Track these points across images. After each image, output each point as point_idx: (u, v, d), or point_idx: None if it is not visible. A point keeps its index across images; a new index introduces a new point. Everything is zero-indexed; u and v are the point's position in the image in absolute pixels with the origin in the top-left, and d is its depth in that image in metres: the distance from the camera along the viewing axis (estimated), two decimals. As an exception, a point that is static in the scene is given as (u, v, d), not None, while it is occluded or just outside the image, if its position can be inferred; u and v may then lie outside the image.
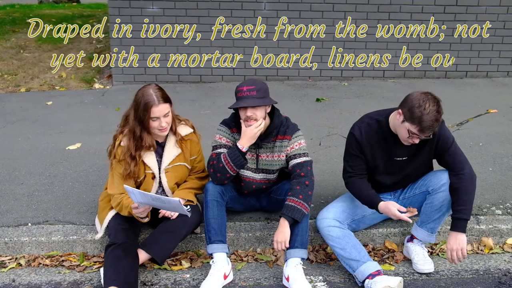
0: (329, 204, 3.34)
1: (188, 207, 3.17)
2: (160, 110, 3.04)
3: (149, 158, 3.20)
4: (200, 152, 3.40)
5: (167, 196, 3.26)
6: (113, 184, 3.20)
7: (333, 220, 3.17)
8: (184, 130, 3.29)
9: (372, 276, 2.97)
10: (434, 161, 3.25)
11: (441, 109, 2.88)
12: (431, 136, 2.95)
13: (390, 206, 3.03)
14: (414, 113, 2.84)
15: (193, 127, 3.35)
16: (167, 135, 3.25)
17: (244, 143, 3.11)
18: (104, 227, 3.23)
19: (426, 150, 3.13)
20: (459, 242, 3.00)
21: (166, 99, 3.09)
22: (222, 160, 3.13)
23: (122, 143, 3.14)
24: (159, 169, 3.24)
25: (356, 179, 3.21)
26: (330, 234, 3.13)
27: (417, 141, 2.98)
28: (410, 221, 3.05)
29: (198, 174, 3.43)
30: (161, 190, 3.29)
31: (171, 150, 3.24)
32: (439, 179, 3.14)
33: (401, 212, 3.01)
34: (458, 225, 3.00)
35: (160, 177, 3.24)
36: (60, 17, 10.07)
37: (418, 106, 2.84)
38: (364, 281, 3.01)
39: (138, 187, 3.22)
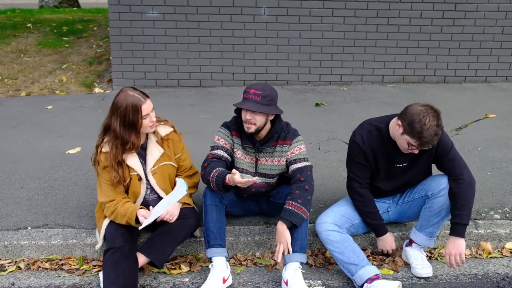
0: (328, 209, 3.35)
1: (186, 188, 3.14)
2: (148, 106, 3.06)
3: (132, 160, 3.17)
4: (183, 150, 3.39)
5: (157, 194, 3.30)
6: (102, 192, 3.20)
7: (332, 224, 3.18)
8: (163, 130, 3.28)
9: (370, 280, 2.98)
10: (434, 166, 3.26)
11: (441, 122, 2.89)
12: (430, 147, 2.97)
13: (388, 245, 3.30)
14: (414, 128, 2.85)
15: (173, 127, 3.34)
16: (147, 136, 3.24)
17: (231, 181, 3.01)
18: (102, 236, 3.23)
19: (425, 156, 3.15)
20: (457, 247, 3.01)
21: (146, 95, 3.10)
22: (211, 175, 3.11)
23: (103, 149, 3.13)
24: (145, 171, 3.23)
25: (362, 190, 3.22)
26: (329, 238, 3.14)
27: (416, 151, 3.00)
28: None
29: (186, 172, 3.41)
30: (149, 191, 3.28)
31: (154, 151, 3.23)
32: (438, 184, 3.15)
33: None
34: (457, 230, 3.01)
35: (148, 179, 3.24)
36: (60, 21, 10.11)
37: (418, 121, 2.84)
38: (362, 285, 3.01)
39: (126, 190, 3.23)
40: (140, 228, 3.07)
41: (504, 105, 6.22)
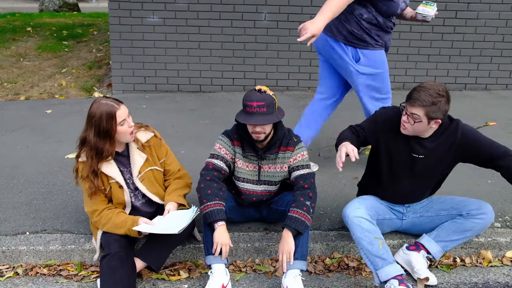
0: (354, 199, 3.26)
1: (197, 208, 3.15)
2: (123, 112, 3.03)
3: (109, 168, 3.13)
4: (168, 154, 3.37)
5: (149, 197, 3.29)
6: (85, 201, 3.21)
7: (365, 212, 3.09)
8: (144, 136, 3.26)
9: (399, 281, 2.92)
10: (464, 169, 3.24)
11: (445, 98, 3.03)
12: (416, 105, 2.95)
13: (343, 148, 3.09)
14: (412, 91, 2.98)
15: (153, 132, 3.32)
16: (127, 144, 3.22)
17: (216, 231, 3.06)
18: (98, 245, 3.22)
19: (443, 148, 3.13)
20: None
21: (120, 101, 3.09)
22: (201, 196, 3.10)
23: (80, 159, 3.12)
24: (130, 178, 3.22)
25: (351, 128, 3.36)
26: (360, 225, 3.04)
27: (406, 121, 3.01)
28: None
29: (175, 175, 3.39)
30: (135, 198, 3.27)
31: (137, 158, 3.21)
32: (479, 206, 3.17)
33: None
34: None
35: (137, 186, 3.22)
36: (60, 25, 10.11)
37: (418, 85, 2.98)
38: (386, 281, 2.95)
39: (110, 199, 3.22)
40: (141, 233, 3.06)
41: (504, 113, 6.22)
